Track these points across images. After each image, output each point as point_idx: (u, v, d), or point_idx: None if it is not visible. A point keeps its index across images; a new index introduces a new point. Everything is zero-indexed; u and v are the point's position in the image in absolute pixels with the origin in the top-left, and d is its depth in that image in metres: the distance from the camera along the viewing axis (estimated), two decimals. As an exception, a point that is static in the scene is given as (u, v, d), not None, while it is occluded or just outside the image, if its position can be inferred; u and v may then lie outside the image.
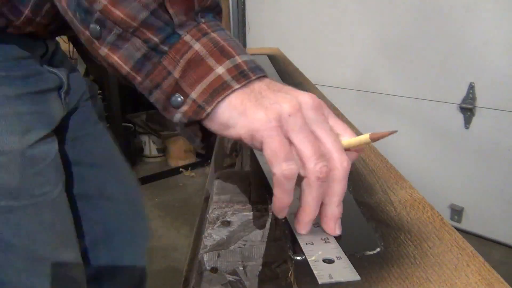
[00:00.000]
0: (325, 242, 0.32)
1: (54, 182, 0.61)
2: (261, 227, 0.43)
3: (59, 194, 0.62)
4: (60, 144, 0.65)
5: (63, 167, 0.65)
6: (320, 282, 0.27)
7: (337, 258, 0.30)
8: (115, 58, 0.35)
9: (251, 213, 0.42)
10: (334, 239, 0.32)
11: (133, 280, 0.84)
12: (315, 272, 0.28)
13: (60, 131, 0.66)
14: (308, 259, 0.30)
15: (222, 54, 0.34)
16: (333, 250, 0.31)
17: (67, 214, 0.65)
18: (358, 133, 0.61)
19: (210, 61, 0.34)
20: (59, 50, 0.69)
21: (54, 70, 0.63)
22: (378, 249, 0.31)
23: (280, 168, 0.31)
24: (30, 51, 0.58)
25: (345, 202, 0.40)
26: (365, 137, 0.34)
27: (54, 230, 0.61)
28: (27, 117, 0.56)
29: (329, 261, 0.29)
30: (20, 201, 0.56)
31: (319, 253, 0.30)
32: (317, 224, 0.34)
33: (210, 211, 0.43)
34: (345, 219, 0.37)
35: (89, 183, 0.75)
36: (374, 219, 0.36)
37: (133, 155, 2.95)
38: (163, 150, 2.99)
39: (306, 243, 0.32)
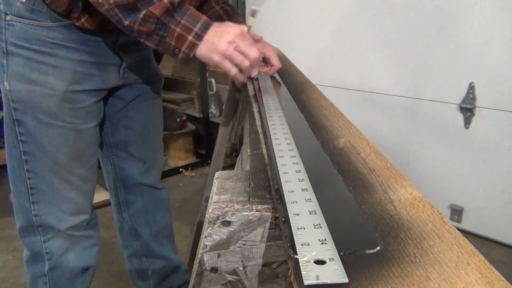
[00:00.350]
0: (322, 244, 0.32)
1: (83, 119, 0.89)
2: (261, 227, 0.43)
3: (86, 129, 0.91)
4: (110, 106, 1.01)
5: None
6: (305, 283, 0.27)
7: (330, 259, 0.30)
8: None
9: (251, 213, 0.42)
10: (332, 240, 0.32)
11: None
12: (302, 272, 0.28)
13: (117, 96, 1.00)
14: (300, 260, 0.30)
15: (189, 29, 0.73)
16: (328, 251, 0.30)
17: (89, 143, 0.93)
18: (358, 132, 0.61)
19: (186, 35, 0.73)
20: (139, 44, 0.95)
21: (121, 53, 0.91)
22: (378, 248, 0.31)
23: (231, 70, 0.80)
24: (102, 37, 0.86)
25: (345, 201, 0.40)
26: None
27: (74, 148, 0.90)
28: (80, 75, 0.86)
29: (320, 262, 0.29)
30: (56, 121, 0.86)
31: (313, 253, 0.30)
32: (318, 225, 0.34)
33: (210, 211, 0.43)
34: (345, 218, 0.37)
35: (120, 138, 1.07)
36: (374, 218, 0.36)
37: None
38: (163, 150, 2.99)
39: (302, 244, 0.32)
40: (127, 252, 1.23)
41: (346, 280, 0.27)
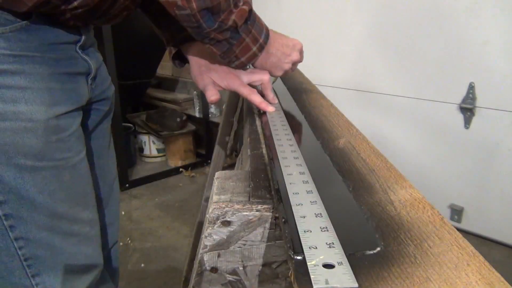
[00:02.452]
0: (330, 247, 0.31)
1: (75, 150, 0.70)
2: (261, 227, 0.43)
3: (80, 161, 0.71)
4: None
5: None
6: (315, 287, 0.27)
7: (338, 263, 0.29)
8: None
9: (251, 213, 0.42)
10: (339, 244, 0.32)
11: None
12: (312, 276, 0.28)
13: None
14: (308, 263, 0.29)
15: (256, 40, 0.67)
16: (336, 255, 0.30)
17: (87, 179, 0.74)
18: (358, 133, 0.61)
19: (252, 45, 0.67)
20: (94, 43, 0.79)
21: (86, 57, 0.72)
22: (378, 249, 0.31)
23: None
24: (65, 38, 0.67)
25: (345, 201, 0.40)
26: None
27: (73, 190, 0.70)
28: (57, 93, 0.65)
29: (329, 266, 0.29)
30: (43, 162, 0.64)
31: (321, 257, 0.30)
32: (325, 228, 0.34)
33: (210, 211, 0.43)
34: (345, 218, 0.37)
35: None
36: (374, 219, 0.36)
37: (133, 155, 2.95)
38: (163, 150, 2.99)
39: (310, 247, 0.31)
40: None
41: (356, 285, 0.27)
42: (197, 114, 2.91)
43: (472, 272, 0.28)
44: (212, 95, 0.74)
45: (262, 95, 0.74)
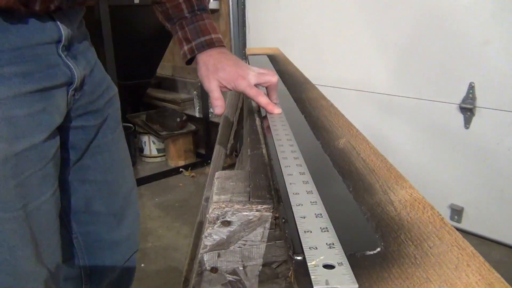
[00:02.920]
0: (330, 248, 0.31)
1: (38, 192, 0.56)
2: (261, 227, 0.43)
3: (44, 202, 0.58)
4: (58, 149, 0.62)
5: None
6: (315, 287, 0.27)
7: (339, 264, 0.29)
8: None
9: (251, 213, 0.42)
10: (340, 245, 0.32)
11: (115, 282, 0.88)
12: (312, 277, 0.28)
13: (65, 133, 0.65)
14: (308, 264, 0.29)
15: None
16: (336, 255, 0.30)
17: (51, 223, 0.62)
18: (358, 133, 0.61)
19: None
20: (85, 37, 0.64)
21: (71, 63, 0.57)
22: (378, 249, 0.31)
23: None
24: (39, 37, 0.50)
25: (345, 202, 0.40)
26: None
27: (35, 243, 0.57)
28: (21, 122, 0.50)
29: (329, 267, 0.29)
30: (2, 214, 0.52)
31: (321, 257, 0.30)
32: (325, 229, 0.34)
33: (210, 211, 0.43)
34: (345, 219, 0.37)
35: (77, 197, 0.76)
36: (374, 219, 0.35)
37: (133, 155, 2.95)
38: (163, 150, 2.99)
39: (310, 248, 0.31)
40: None
41: (356, 285, 0.27)
42: (197, 114, 2.91)
43: (472, 273, 0.28)
44: (217, 106, 0.70)
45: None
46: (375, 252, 0.31)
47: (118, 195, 0.81)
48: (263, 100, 0.68)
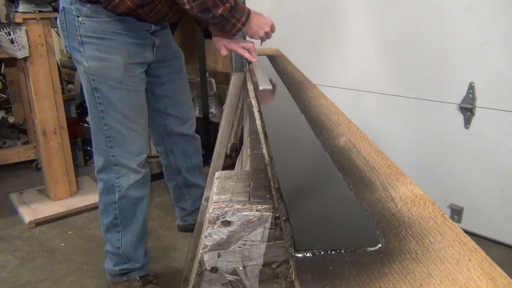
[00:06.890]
0: None
1: (138, 83, 1.27)
2: (261, 227, 0.43)
3: (141, 91, 1.30)
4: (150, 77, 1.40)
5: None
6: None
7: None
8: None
9: (251, 213, 0.42)
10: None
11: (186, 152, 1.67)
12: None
13: (153, 72, 1.39)
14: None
15: (239, 21, 1.19)
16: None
17: (144, 101, 1.33)
18: (358, 131, 0.61)
19: (237, 23, 1.18)
20: (166, 32, 1.38)
21: (153, 37, 1.29)
22: (380, 245, 0.31)
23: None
24: (141, 27, 1.24)
25: (346, 199, 0.40)
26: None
27: (135, 104, 1.28)
28: (132, 52, 1.24)
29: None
30: (122, 86, 1.23)
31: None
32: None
33: (210, 211, 0.43)
34: (346, 216, 0.37)
35: (160, 104, 1.49)
36: (375, 216, 0.35)
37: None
38: (163, 151, 2.98)
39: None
40: (171, 184, 1.74)
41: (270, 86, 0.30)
42: (197, 114, 2.91)
43: (473, 267, 0.28)
44: (223, 52, 1.31)
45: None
46: (376, 248, 0.31)
47: (183, 107, 1.53)
48: (247, 55, 1.30)
